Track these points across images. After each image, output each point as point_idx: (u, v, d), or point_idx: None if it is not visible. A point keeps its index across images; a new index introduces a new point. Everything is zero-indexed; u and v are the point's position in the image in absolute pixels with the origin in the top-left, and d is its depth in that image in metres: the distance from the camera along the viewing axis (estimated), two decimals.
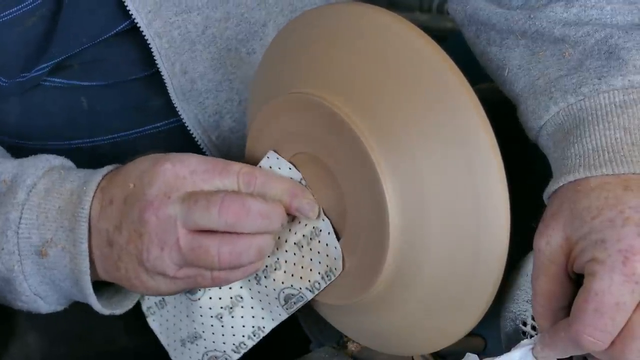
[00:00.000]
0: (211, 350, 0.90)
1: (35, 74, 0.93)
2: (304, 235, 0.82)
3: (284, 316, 0.87)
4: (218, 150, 1.01)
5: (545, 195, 0.77)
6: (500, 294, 0.77)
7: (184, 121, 0.99)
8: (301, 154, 0.81)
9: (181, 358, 0.93)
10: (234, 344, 0.89)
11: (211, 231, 0.79)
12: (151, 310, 0.94)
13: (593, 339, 0.69)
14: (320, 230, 0.81)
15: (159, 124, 1.00)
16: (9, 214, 0.84)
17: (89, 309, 0.88)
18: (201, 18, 0.96)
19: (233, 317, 0.88)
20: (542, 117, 0.80)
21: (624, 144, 0.73)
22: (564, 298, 0.74)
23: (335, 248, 0.80)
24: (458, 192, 0.73)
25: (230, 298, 0.88)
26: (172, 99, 0.97)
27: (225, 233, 0.79)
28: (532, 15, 0.83)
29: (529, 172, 0.81)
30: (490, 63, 0.87)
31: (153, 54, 0.94)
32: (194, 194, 0.79)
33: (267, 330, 0.89)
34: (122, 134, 1.00)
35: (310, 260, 0.82)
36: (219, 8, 0.96)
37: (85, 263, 0.83)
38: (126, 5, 0.92)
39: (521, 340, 0.76)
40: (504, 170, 0.73)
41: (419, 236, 0.75)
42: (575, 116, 0.78)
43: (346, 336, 0.90)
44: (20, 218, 0.84)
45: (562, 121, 0.79)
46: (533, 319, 0.79)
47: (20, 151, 0.94)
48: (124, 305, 0.90)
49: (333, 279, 0.81)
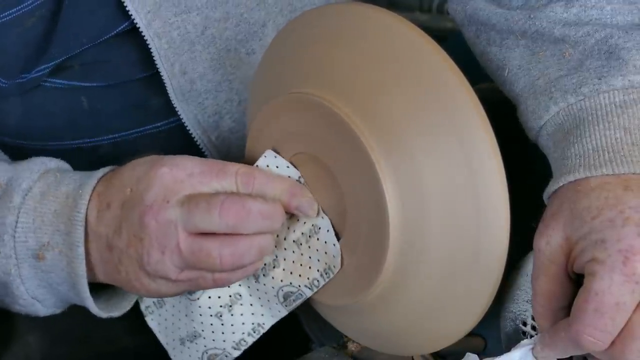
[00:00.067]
0: (211, 349, 0.90)
1: (35, 74, 0.93)
2: (302, 233, 0.82)
3: (283, 313, 0.87)
4: (218, 151, 1.01)
5: (545, 195, 0.77)
6: (500, 294, 0.77)
7: (183, 121, 0.99)
8: (301, 154, 0.81)
9: (180, 357, 0.93)
10: (234, 341, 0.89)
11: (211, 233, 0.79)
12: (149, 310, 0.94)
13: (593, 339, 0.69)
14: (319, 228, 0.81)
15: (159, 124, 1.00)
16: (5, 218, 0.84)
17: (89, 310, 0.88)
18: (200, 18, 0.96)
19: (233, 315, 0.88)
20: (542, 117, 0.80)
21: (624, 144, 0.73)
22: (564, 298, 0.74)
23: (334, 245, 0.80)
24: (458, 192, 0.73)
25: (230, 296, 0.88)
26: (172, 99, 0.97)
27: (226, 235, 0.79)
28: (532, 16, 0.83)
29: (529, 172, 0.81)
30: (490, 63, 0.87)
31: (152, 54, 0.94)
32: (193, 197, 0.79)
33: (267, 326, 0.89)
34: (123, 134, 1.00)
35: (309, 258, 0.82)
36: (218, 8, 0.96)
37: (82, 266, 0.83)
38: (126, 5, 0.92)
39: (521, 340, 0.76)
40: (504, 170, 0.73)
41: (418, 236, 0.75)
42: (575, 116, 0.78)
43: (346, 336, 0.90)
44: (17, 222, 0.84)
45: (562, 121, 0.79)
46: (533, 319, 0.79)
47: (21, 151, 0.94)
48: (122, 306, 0.90)
49: (332, 276, 0.81)
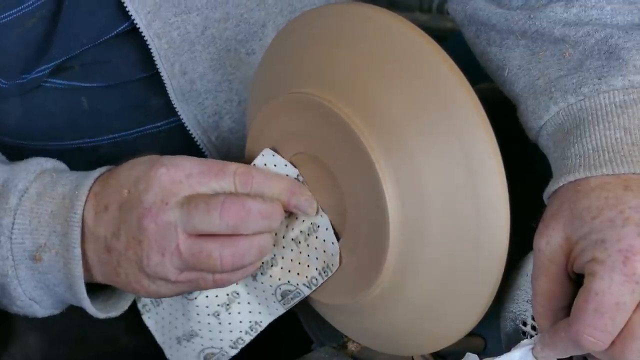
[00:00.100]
0: (208, 347, 0.90)
1: (35, 75, 0.93)
2: (301, 232, 0.82)
3: (281, 311, 0.87)
4: (218, 151, 1.01)
5: (545, 195, 0.77)
6: (500, 294, 0.77)
7: (183, 121, 0.99)
8: (301, 154, 0.81)
9: (177, 356, 0.93)
10: (231, 340, 0.89)
11: (210, 234, 0.79)
12: (147, 308, 0.94)
13: (593, 339, 0.69)
14: (318, 226, 0.81)
15: (159, 124, 1.00)
16: (1, 219, 0.84)
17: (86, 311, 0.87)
18: (200, 19, 0.96)
19: (230, 314, 0.88)
20: (542, 117, 0.80)
21: (624, 144, 0.73)
22: (564, 298, 0.74)
23: (333, 244, 0.80)
24: (458, 192, 0.73)
25: (227, 295, 0.88)
26: (172, 99, 0.97)
27: (225, 235, 0.79)
28: (532, 16, 0.83)
29: (529, 172, 0.81)
30: (490, 63, 0.87)
31: (152, 54, 0.94)
32: (192, 198, 0.79)
33: (265, 324, 0.88)
34: (123, 134, 1.00)
35: (308, 256, 0.82)
36: (218, 9, 0.96)
37: (79, 268, 0.83)
38: (126, 6, 0.92)
39: (521, 340, 0.76)
40: (504, 170, 0.73)
41: (419, 236, 0.75)
42: (575, 116, 0.78)
43: (346, 336, 0.90)
44: (13, 223, 0.84)
45: (562, 121, 0.79)
46: (533, 319, 0.79)
47: (21, 151, 0.94)
48: (120, 306, 0.90)
49: (330, 274, 0.81)
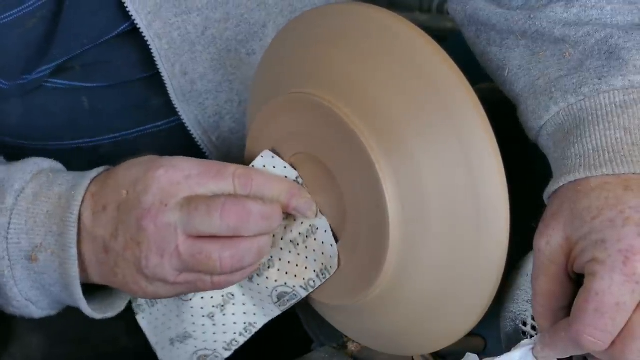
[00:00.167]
0: (201, 349, 0.90)
1: (36, 75, 0.93)
2: (300, 233, 0.82)
3: (276, 313, 0.86)
4: (218, 151, 1.01)
5: (545, 195, 0.77)
6: (500, 294, 0.77)
7: (184, 121, 0.99)
8: (301, 154, 0.81)
9: (170, 357, 0.92)
10: (225, 342, 0.89)
11: (210, 236, 0.79)
12: (141, 308, 0.94)
13: (593, 339, 0.69)
14: (316, 228, 0.80)
15: (160, 123, 1.00)
16: None
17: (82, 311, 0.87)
18: (201, 19, 0.96)
19: (225, 315, 0.88)
20: (542, 117, 0.80)
21: (624, 144, 0.73)
22: (564, 298, 0.74)
23: (331, 246, 0.80)
24: (458, 192, 0.73)
25: (222, 296, 0.87)
26: (172, 99, 0.97)
27: (226, 237, 0.79)
28: (532, 16, 0.83)
29: (529, 172, 0.81)
30: (491, 63, 0.87)
31: (153, 55, 0.94)
32: (192, 200, 0.79)
33: (259, 326, 0.88)
34: (124, 133, 1.00)
35: (306, 258, 0.82)
36: (218, 9, 0.96)
37: (75, 268, 0.83)
38: (126, 6, 0.92)
39: (521, 340, 0.76)
40: (504, 170, 0.73)
41: (418, 236, 0.75)
42: (575, 116, 0.78)
43: (346, 336, 0.90)
44: (9, 223, 0.84)
45: (562, 121, 0.79)
46: (533, 319, 0.79)
47: (22, 151, 0.94)
48: (117, 306, 0.89)
49: (328, 277, 0.81)
